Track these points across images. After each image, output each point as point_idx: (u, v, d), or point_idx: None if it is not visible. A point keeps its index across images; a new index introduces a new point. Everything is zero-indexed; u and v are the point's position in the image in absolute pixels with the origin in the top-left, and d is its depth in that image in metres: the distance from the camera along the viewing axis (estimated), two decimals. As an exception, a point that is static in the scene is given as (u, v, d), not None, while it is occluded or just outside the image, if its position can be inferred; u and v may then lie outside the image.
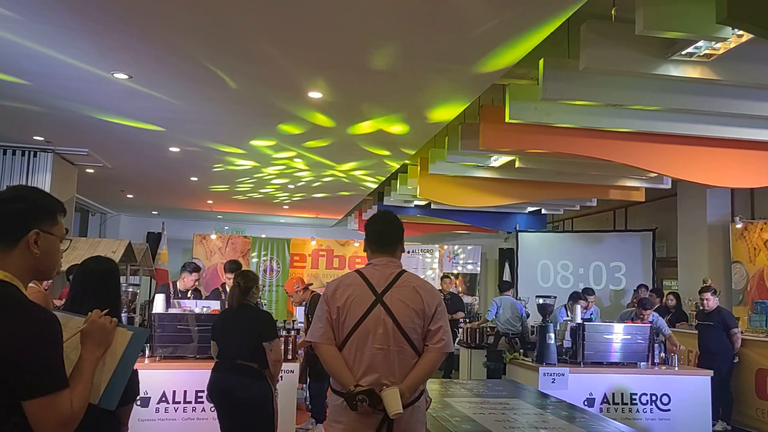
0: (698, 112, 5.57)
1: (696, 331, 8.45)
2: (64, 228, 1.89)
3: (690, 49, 4.30)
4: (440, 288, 10.52)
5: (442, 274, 12.79)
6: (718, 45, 4.23)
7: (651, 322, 7.65)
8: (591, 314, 8.06)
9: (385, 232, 3.00)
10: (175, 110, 6.29)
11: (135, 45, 4.64)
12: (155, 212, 15.44)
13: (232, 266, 6.86)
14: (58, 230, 1.84)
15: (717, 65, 4.54)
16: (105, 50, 4.76)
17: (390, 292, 2.81)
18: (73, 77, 5.39)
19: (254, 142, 7.64)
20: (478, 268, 14.42)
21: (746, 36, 4.07)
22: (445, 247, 14.90)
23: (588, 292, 8.07)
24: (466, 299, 13.75)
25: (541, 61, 4.97)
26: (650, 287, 10.20)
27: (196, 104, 6.11)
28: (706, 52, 4.34)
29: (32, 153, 8.05)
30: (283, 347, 5.98)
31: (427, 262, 14.57)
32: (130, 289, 6.01)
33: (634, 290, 9.99)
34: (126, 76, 5.27)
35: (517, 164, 7.53)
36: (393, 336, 2.75)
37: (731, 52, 4.34)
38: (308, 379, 7.13)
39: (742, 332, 7.86)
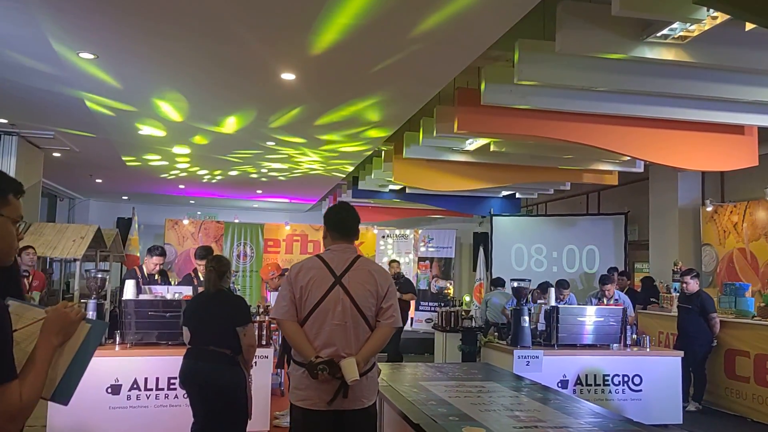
0: (672, 95, 5.59)
1: (665, 314, 8.59)
2: (19, 209, 1.79)
3: (665, 31, 4.30)
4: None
5: (390, 260, 12.59)
6: (693, 27, 4.23)
7: (617, 300, 7.73)
8: (566, 304, 8.10)
9: (347, 222, 3.32)
10: (143, 91, 6.13)
11: (102, 23, 4.50)
12: (125, 197, 15.17)
13: (203, 253, 6.74)
14: (10, 211, 1.75)
15: (691, 47, 4.55)
16: (70, 28, 4.60)
17: (348, 274, 3.15)
18: (36, 56, 5.21)
19: (225, 124, 7.51)
20: (453, 253, 14.44)
21: (721, 18, 4.08)
22: (420, 231, 14.89)
23: (562, 284, 8.07)
24: (441, 283, 13.78)
25: (517, 43, 4.94)
26: (621, 270, 10.30)
27: (166, 85, 5.96)
28: (681, 34, 4.34)
29: (-4, 136, 7.83)
30: (257, 332, 5.93)
31: (401, 247, 14.55)
32: (99, 275, 5.86)
33: (608, 273, 10.06)
34: (92, 56, 5.11)
35: (491, 148, 7.53)
36: (350, 313, 3.10)
37: (705, 34, 4.35)
38: (286, 365, 7.05)
39: (715, 314, 7.98)
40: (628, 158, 8.15)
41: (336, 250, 3.25)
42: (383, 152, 9.28)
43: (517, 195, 12.29)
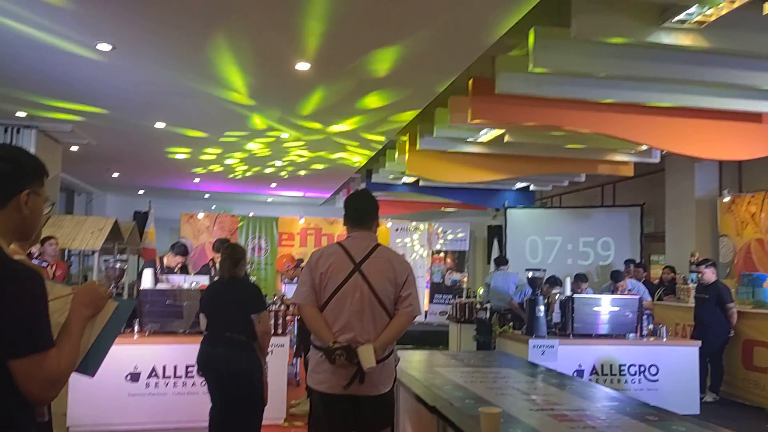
0: (689, 82, 5.55)
1: (681, 305, 8.53)
2: (46, 191, 1.88)
3: (682, 16, 4.27)
4: None
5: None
6: (710, 11, 4.20)
7: (630, 290, 7.68)
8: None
9: (362, 210, 3.34)
10: (160, 83, 6.18)
11: (119, 13, 4.54)
12: (141, 192, 15.30)
13: (220, 245, 6.80)
14: (44, 192, 1.84)
15: (708, 32, 4.52)
16: (87, 19, 4.65)
17: (367, 262, 3.18)
18: (53, 49, 5.26)
19: (239, 118, 7.55)
20: (467, 246, 14.43)
21: (738, 1, 4.04)
22: (434, 224, 14.89)
23: (581, 278, 8.00)
24: (455, 276, 13.78)
25: (532, 30, 4.91)
26: (637, 262, 10.23)
27: (182, 76, 6.00)
28: (698, 18, 4.31)
29: (15, 129, 7.90)
30: (272, 322, 5.97)
31: (415, 240, 14.56)
32: (118, 265, 5.93)
33: (625, 266, 9.99)
34: (110, 47, 5.16)
35: (506, 138, 7.50)
36: (368, 300, 3.12)
37: (723, 19, 4.31)
38: (302, 354, 7.09)
39: (732, 305, 7.93)
40: (644, 148, 8.10)
41: (356, 237, 3.29)
42: (397, 144, 9.29)
43: (531, 187, 12.24)
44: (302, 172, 11.62)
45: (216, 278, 4.79)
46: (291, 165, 10.92)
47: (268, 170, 11.57)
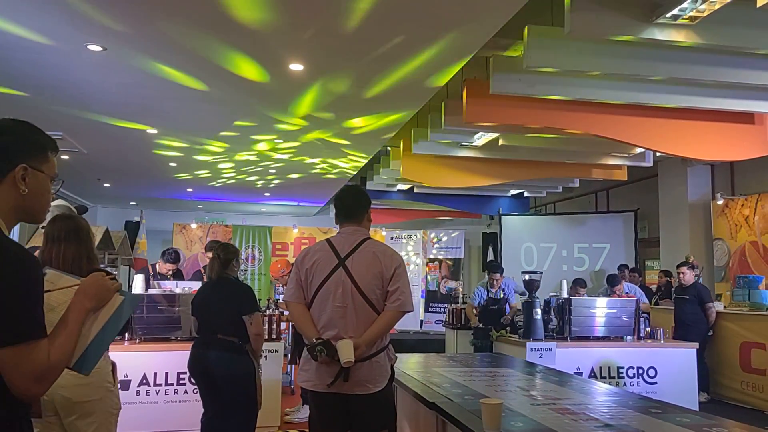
0: (682, 81, 5.56)
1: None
2: (55, 167, 1.74)
3: (675, 11, 4.27)
4: None
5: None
6: (703, 6, 4.19)
7: (627, 293, 7.68)
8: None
9: (349, 205, 3.27)
10: (152, 87, 6.12)
11: (110, 13, 4.49)
12: (133, 203, 15.21)
13: (213, 245, 6.72)
14: (49, 168, 1.69)
15: (701, 28, 4.52)
16: (77, 19, 4.60)
17: (352, 256, 3.11)
18: (43, 50, 5.19)
19: (236, 123, 7.49)
20: (462, 253, 14.38)
21: (731, -5, 4.04)
22: (429, 233, 14.85)
23: (579, 283, 7.93)
24: (450, 284, 13.73)
25: (526, 29, 4.91)
26: (632, 267, 10.21)
27: (174, 80, 5.95)
28: (691, 14, 4.31)
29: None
30: (267, 327, 5.90)
31: (410, 248, 14.50)
32: (108, 270, 5.85)
33: (618, 271, 9.97)
34: (100, 48, 5.10)
35: (500, 142, 7.49)
36: (352, 296, 3.04)
37: (716, 14, 4.32)
38: (297, 361, 6.97)
39: (725, 307, 7.92)
40: (638, 151, 8.11)
41: (344, 233, 3.22)
42: (391, 151, 9.26)
43: (526, 194, 12.24)
44: (294, 176, 11.53)
45: (205, 278, 4.69)
46: (282, 172, 10.85)
47: (256, 178, 11.49)
